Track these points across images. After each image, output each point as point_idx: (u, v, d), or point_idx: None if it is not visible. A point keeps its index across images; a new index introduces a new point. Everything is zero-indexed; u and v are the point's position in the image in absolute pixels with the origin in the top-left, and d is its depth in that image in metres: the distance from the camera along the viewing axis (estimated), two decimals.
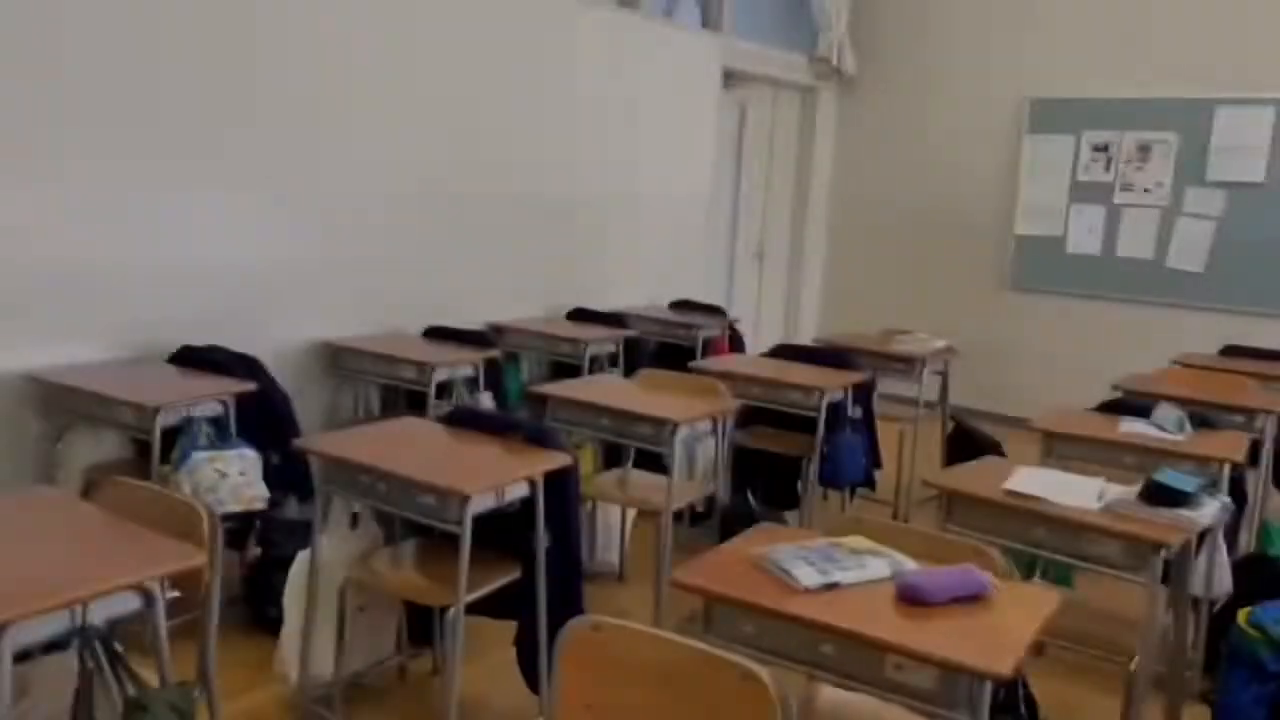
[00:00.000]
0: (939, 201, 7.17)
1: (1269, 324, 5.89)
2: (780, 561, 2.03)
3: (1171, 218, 6.24)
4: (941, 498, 2.75)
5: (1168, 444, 3.32)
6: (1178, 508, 2.50)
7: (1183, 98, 6.15)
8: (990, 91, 6.88)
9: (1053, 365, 6.68)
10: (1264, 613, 2.72)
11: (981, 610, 1.92)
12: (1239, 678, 2.69)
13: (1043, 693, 3.30)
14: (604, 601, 3.87)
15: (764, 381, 4.22)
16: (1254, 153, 5.95)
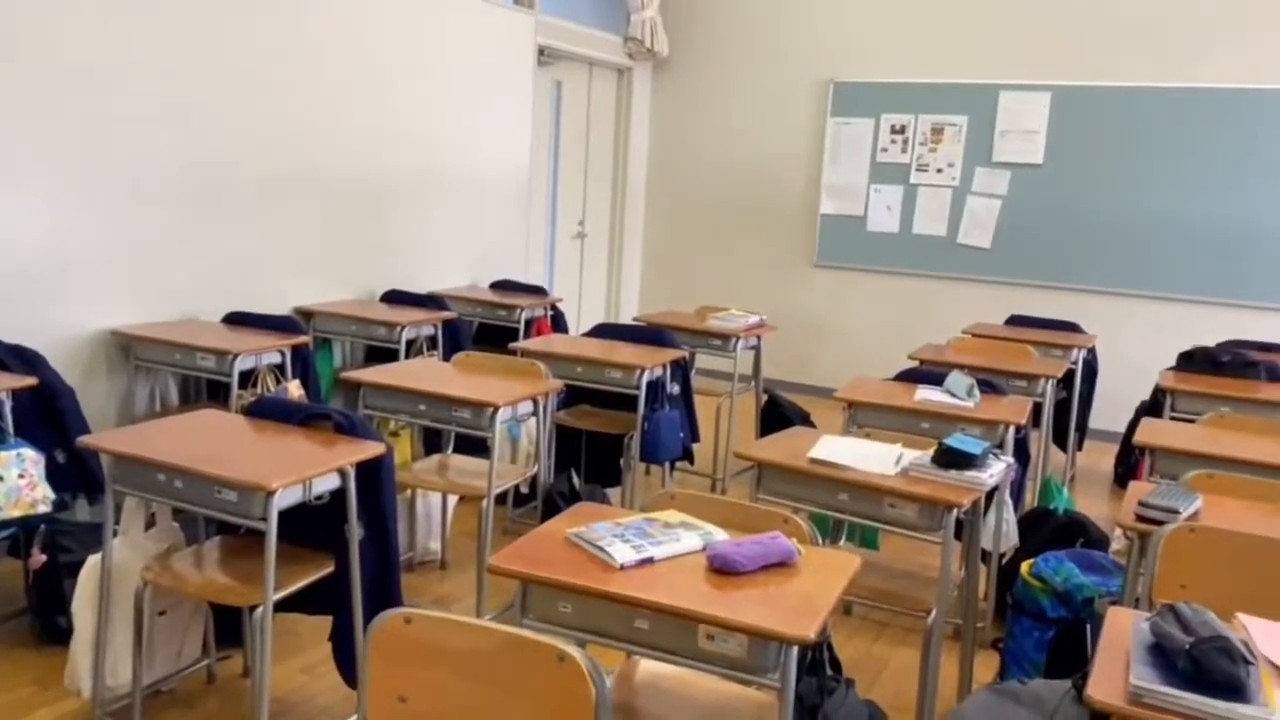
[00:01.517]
0: (750, 181, 7.38)
1: (1049, 295, 6.38)
2: (596, 540, 2.04)
3: (961, 197, 6.65)
4: (753, 468, 2.84)
5: (958, 410, 3.54)
6: (967, 469, 2.67)
7: (970, 83, 6.54)
8: (796, 74, 7.12)
9: (857, 338, 7.02)
10: (1044, 564, 2.95)
11: (788, 576, 2.00)
12: (1023, 625, 2.92)
13: (852, 649, 3.49)
14: (426, 590, 3.81)
15: (585, 361, 4.24)
16: (1033, 135, 6.40)
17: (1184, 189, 6.06)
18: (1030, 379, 4.42)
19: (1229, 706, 1.51)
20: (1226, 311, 5.94)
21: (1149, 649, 1.68)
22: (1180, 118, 6.03)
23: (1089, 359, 5.37)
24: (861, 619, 3.71)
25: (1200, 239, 6.05)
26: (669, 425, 4.25)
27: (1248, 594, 2.18)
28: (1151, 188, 6.14)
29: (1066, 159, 6.33)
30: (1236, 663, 1.55)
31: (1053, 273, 6.44)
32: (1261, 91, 5.81)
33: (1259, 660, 1.63)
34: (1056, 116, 6.33)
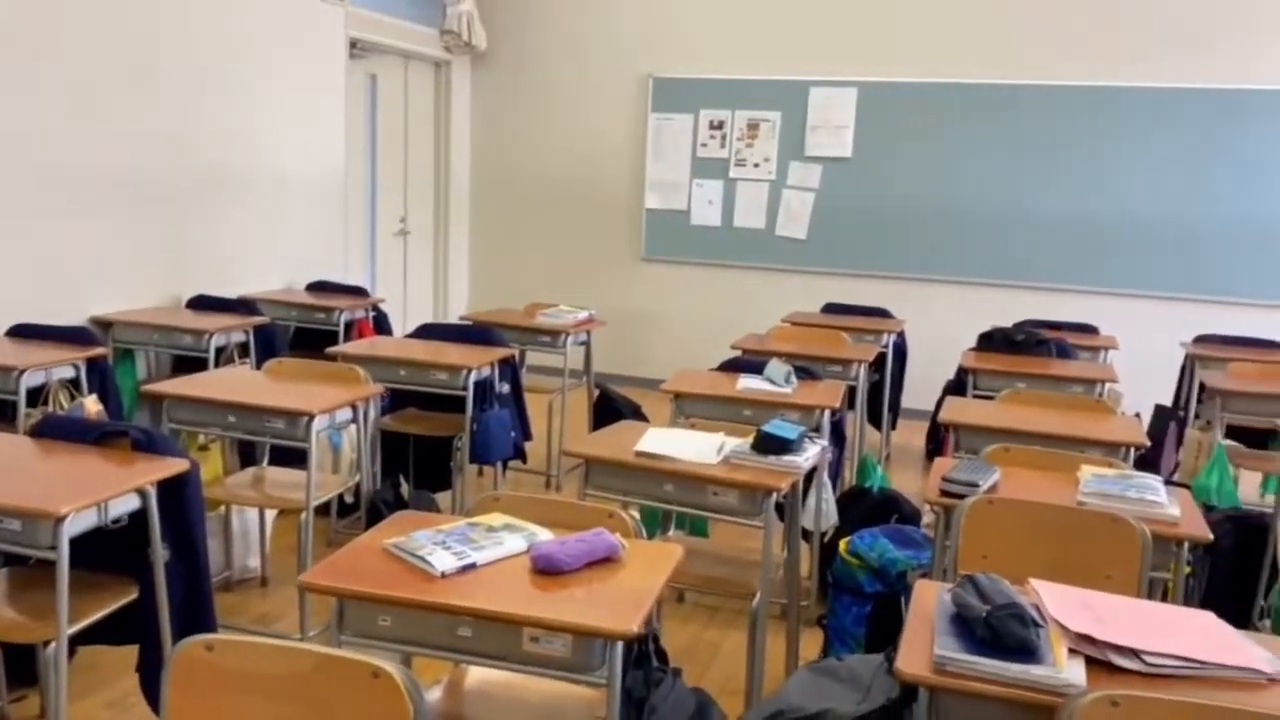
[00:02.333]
0: (575, 176, 7.38)
1: (862, 283, 6.66)
2: (415, 549, 1.99)
3: (778, 190, 6.86)
4: (583, 464, 2.84)
5: (778, 396, 3.65)
6: (784, 454, 2.75)
7: (783, 79, 6.75)
8: (616, 69, 7.17)
9: (686, 329, 7.15)
10: (859, 541, 3.08)
11: (613, 572, 2.00)
12: (843, 601, 3.04)
13: (686, 636, 3.55)
14: (245, 610, 3.63)
15: (409, 363, 4.13)
16: (842, 130, 6.67)
17: (982, 180, 6.45)
18: (844, 364, 4.61)
19: (1022, 668, 1.61)
20: (1022, 294, 6.36)
21: (951, 619, 1.77)
22: (978, 111, 6.41)
23: (898, 342, 5.64)
24: (694, 606, 3.77)
25: (997, 227, 6.45)
26: (499, 425, 4.20)
27: (1040, 559, 2.33)
28: (952, 179, 6.50)
29: (873, 152, 6.63)
30: (1028, 627, 1.65)
31: (864, 262, 6.73)
32: (1058, 87, 6.24)
33: (1048, 623, 1.74)
34: (863, 112, 6.61)
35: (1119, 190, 6.22)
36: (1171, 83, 6.04)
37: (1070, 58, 6.21)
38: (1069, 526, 2.39)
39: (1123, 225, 6.23)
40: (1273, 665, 1.67)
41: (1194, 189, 6.09)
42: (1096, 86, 6.16)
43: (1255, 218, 6.00)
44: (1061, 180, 6.31)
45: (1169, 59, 6.05)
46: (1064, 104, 6.24)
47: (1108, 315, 5.92)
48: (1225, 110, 5.98)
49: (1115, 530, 2.33)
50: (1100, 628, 1.72)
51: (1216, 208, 6.06)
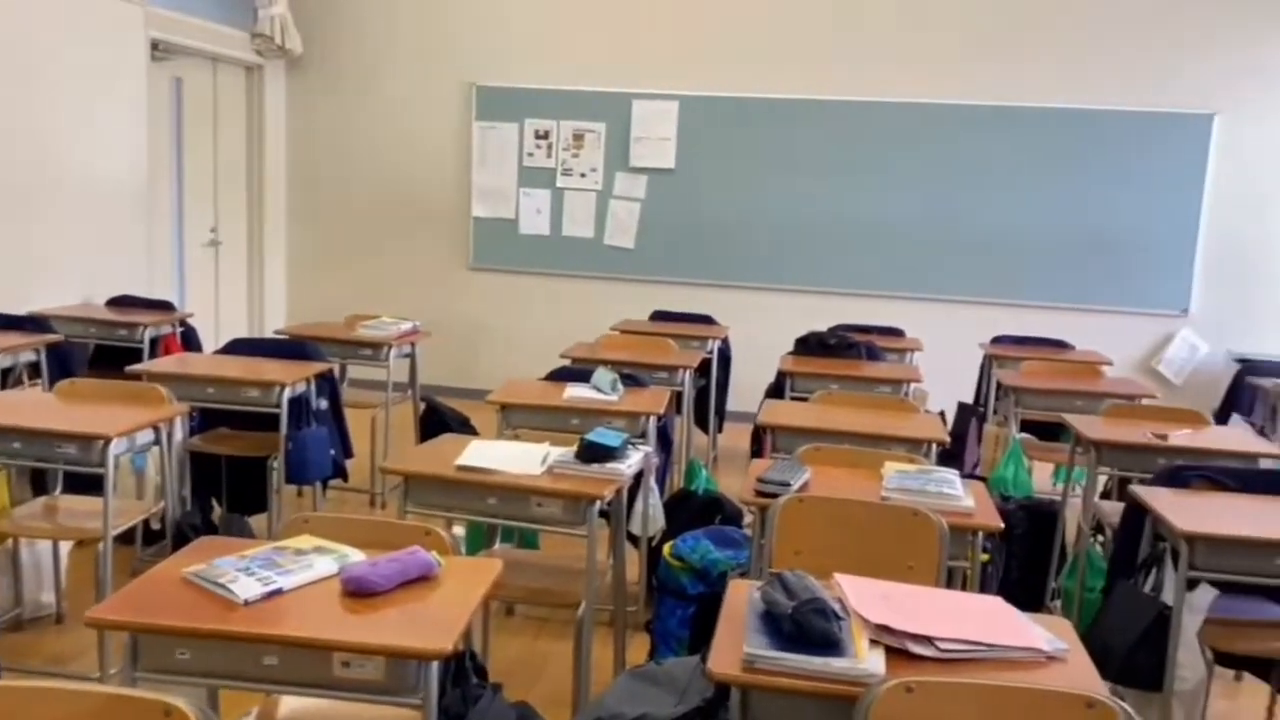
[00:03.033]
0: (399, 185, 7.23)
1: (687, 290, 6.80)
2: (216, 577, 1.90)
3: (605, 200, 6.93)
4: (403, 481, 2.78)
5: (604, 404, 3.68)
6: (607, 462, 2.78)
7: (607, 91, 6.82)
8: (438, 77, 7.07)
9: (516, 339, 7.11)
10: (682, 543, 3.14)
11: (429, 590, 1.96)
12: (668, 604, 3.08)
13: (516, 648, 3.52)
14: (38, 649, 3.38)
15: (218, 381, 3.94)
16: (665, 142, 6.80)
17: (798, 191, 6.70)
18: (671, 370, 4.69)
19: (824, 661, 1.67)
20: (836, 299, 6.64)
21: (761, 617, 1.82)
22: (792, 125, 6.65)
23: (723, 348, 5.78)
24: (524, 618, 3.75)
25: (813, 236, 6.72)
26: (317, 443, 4.05)
27: (849, 554, 2.44)
28: (771, 190, 6.73)
29: (695, 164, 6.79)
30: (830, 621, 1.72)
31: (690, 270, 6.88)
32: (864, 102, 6.54)
33: (850, 615, 1.82)
34: (684, 124, 6.76)
35: (924, 200, 6.58)
36: (971, 99, 6.44)
37: (880, 73, 6.54)
38: (873, 521, 2.51)
39: (927, 233, 6.60)
40: (1052, 644, 1.80)
41: (992, 199, 6.51)
42: (901, 102, 6.51)
43: (1045, 226, 6.47)
44: (871, 191, 6.63)
45: (975, 75, 6.45)
46: (871, 118, 6.56)
47: (914, 319, 6.25)
48: (1018, 124, 6.43)
49: (916, 523, 2.46)
50: (898, 617, 1.81)
51: (1011, 217, 6.50)
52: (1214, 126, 6.24)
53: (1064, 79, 6.37)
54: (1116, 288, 6.47)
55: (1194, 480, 3.02)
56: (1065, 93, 6.36)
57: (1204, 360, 6.42)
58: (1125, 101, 6.31)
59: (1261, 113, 6.22)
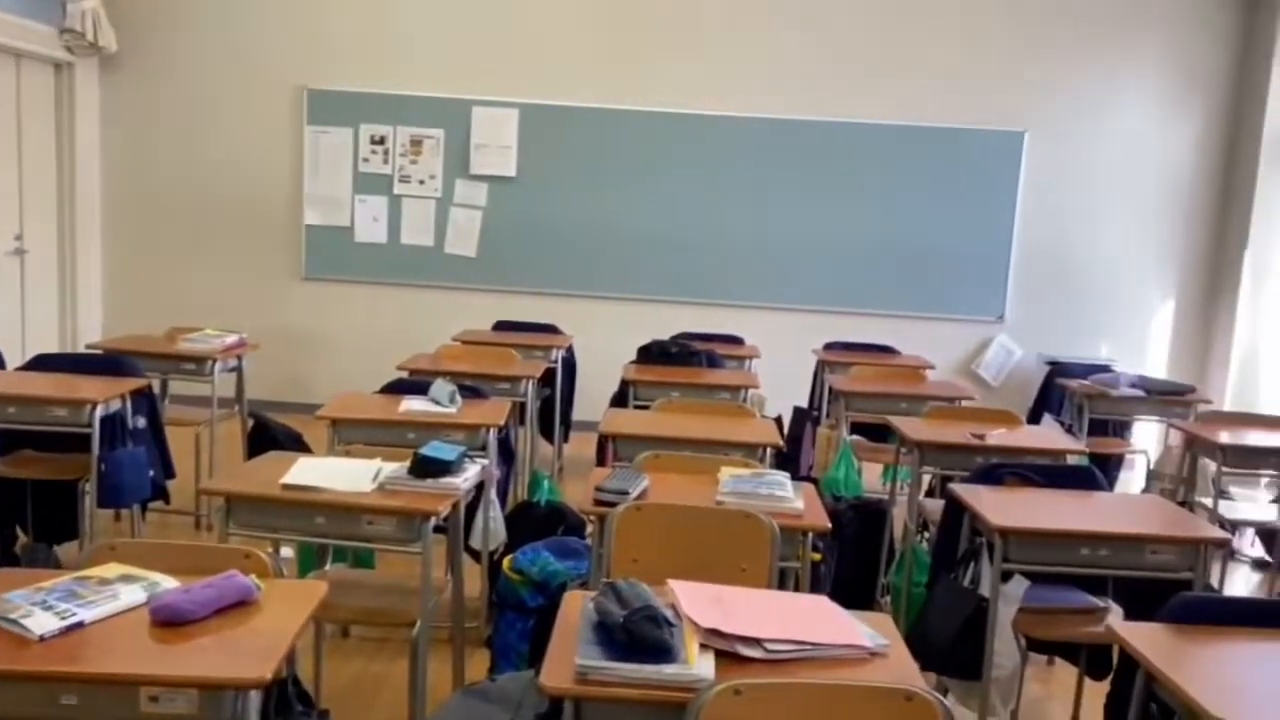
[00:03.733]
0: (225, 191, 6.91)
1: (532, 300, 6.75)
2: (7, 612, 1.75)
3: (445, 208, 6.81)
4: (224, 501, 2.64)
5: (442, 417, 3.60)
6: (442, 476, 2.71)
7: (445, 97, 6.72)
8: (267, 79, 6.80)
9: (352, 351, 6.89)
10: (522, 556, 3.10)
11: (248, 616, 1.87)
12: (508, 618, 3.04)
13: (349, 673, 3.40)
14: None
15: (18, 399, 3.65)
16: (506, 150, 6.74)
17: (639, 201, 6.77)
18: (513, 380, 4.64)
19: (656, 668, 1.68)
20: (679, 308, 6.74)
21: (594, 627, 1.81)
22: (632, 136, 6.72)
23: (568, 357, 5.78)
24: (360, 640, 3.63)
25: (655, 246, 6.80)
26: (133, 464, 3.81)
27: (685, 559, 2.46)
28: (612, 200, 6.77)
29: (537, 172, 6.76)
30: (662, 627, 1.73)
31: (534, 279, 6.84)
32: (702, 116, 6.67)
33: (682, 620, 1.83)
34: (525, 132, 6.72)
35: (762, 211, 6.76)
36: (805, 114, 6.66)
37: (717, 86, 6.68)
38: (709, 526, 2.55)
39: (764, 244, 6.78)
40: (874, 640, 1.86)
41: (824, 211, 6.75)
42: (739, 116, 6.67)
43: (874, 237, 6.75)
44: (711, 202, 6.76)
45: (810, 91, 6.67)
46: (711, 130, 6.70)
47: (753, 326, 6.40)
48: (849, 138, 6.68)
49: (748, 526, 2.50)
50: (729, 621, 1.83)
51: (843, 228, 6.75)
52: (1024, 143, 6.66)
53: (892, 97, 6.67)
54: (939, 296, 6.82)
55: (1007, 477, 3.20)
56: (892, 109, 6.66)
57: (1018, 363, 6.83)
58: (946, 119, 6.66)
59: (1065, 132, 6.68)
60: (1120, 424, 5.62)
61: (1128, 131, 6.70)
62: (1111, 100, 6.69)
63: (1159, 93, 6.68)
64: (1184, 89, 6.67)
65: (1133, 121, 6.70)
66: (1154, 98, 6.69)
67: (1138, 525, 2.81)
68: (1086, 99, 6.68)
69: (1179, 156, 6.74)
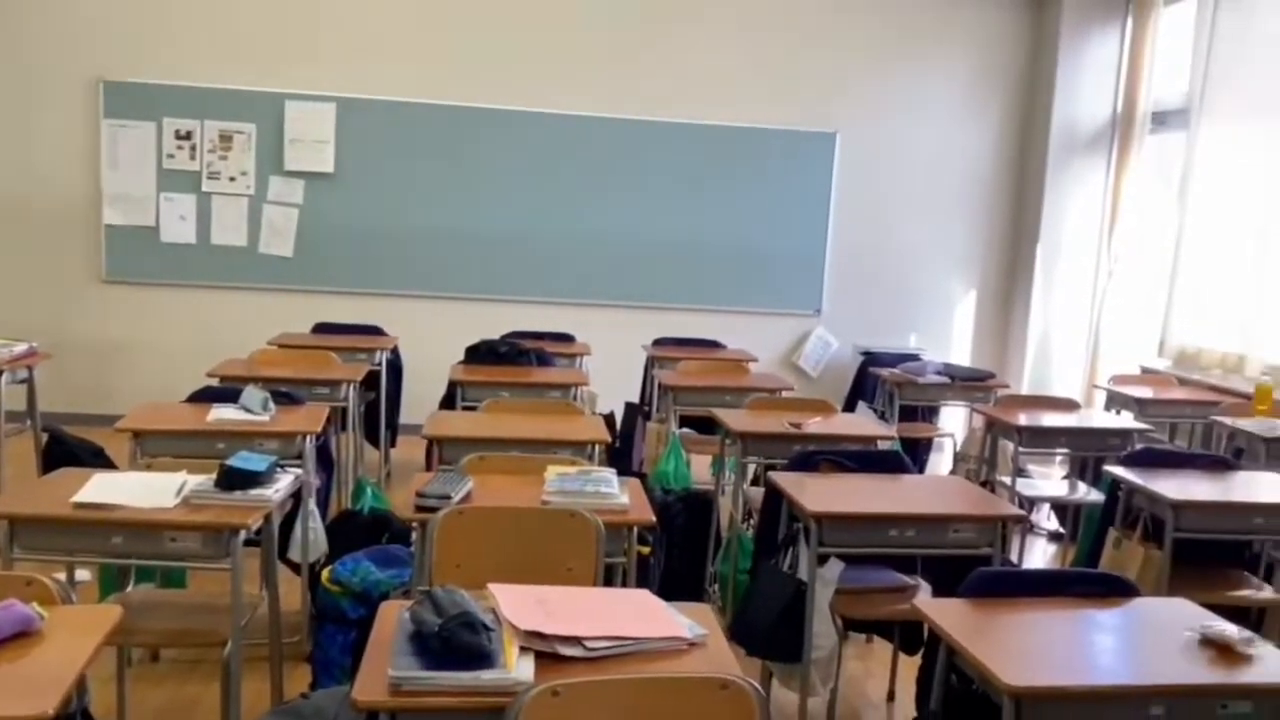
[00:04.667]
0: (10, 189, 6.38)
1: (354, 300, 6.53)
2: None
3: (259, 206, 6.52)
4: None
5: (254, 425, 3.44)
6: (251, 488, 2.59)
7: (256, 90, 6.42)
8: (58, 69, 6.32)
9: (159, 358, 6.48)
10: (341, 567, 3.00)
11: (29, 647, 1.73)
12: (328, 631, 2.94)
13: (159, 698, 3.21)
14: None
15: None
16: (323, 145, 6.51)
17: (466, 198, 6.66)
18: (333, 384, 4.49)
19: (474, 675, 1.65)
20: (509, 307, 6.67)
21: (410, 637, 1.77)
22: (456, 132, 6.61)
23: (393, 359, 5.63)
24: (171, 663, 3.42)
25: (484, 243, 6.71)
26: None
27: (511, 562, 2.43)
28: (438, 197, 6.64)
29: (357, 169, 6.56)
30: (479, 633, 1.70)
31: (356, 279, 6.63)
32: (527, 113, 6.62)
33: (502, 625, 1.81)
34: (343, 127, 6.51)
35: (591, 209, 6.79)
36: (630, 114, 6.72)
37: (543, 84, 6.65)
38: (534, 526, 2.53)
39: (594, 241, 6.81)
40: (693, 631, 1.89)
41: (653, 209, 6.83)
42: (565, 114, 6.66)
43: (700, 235, 6.89)
44: (541, 199, 6.74)
45: (636, 89, 6.72)
46: (535, 127, 6.66)
47: (585, 324, 6.40)
48: (675, 138, 6.79)
49: (573, 524, 2.50)
50: (550, 622, 1.82)
51: (670, 226, 6.85)
52: (836, 144, 6.94)
53: (712, 98, 6.81)
54: (762, 291, 7.02)
55: (822, 464, 3.32)
56: (714, 110, 6.81)
57: (836, 354, 7.12)
58: (765, 120, 6.86)
59: (873, 133, 7.00)
60: (928, 409, 5.95)
61: (932, 133, 7.09)
62: (916, 103, 7.05)
63: (960, 96, 7.09)
64: (981, 93, 7.11)
65: (936, 124, 7.09)
66: (955, 101, 7.09)
67: (941, 506, 2.97)
68: (893, 102, 7.03)
69: (978, 156, 7.17)
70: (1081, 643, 2.08)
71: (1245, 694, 1.92)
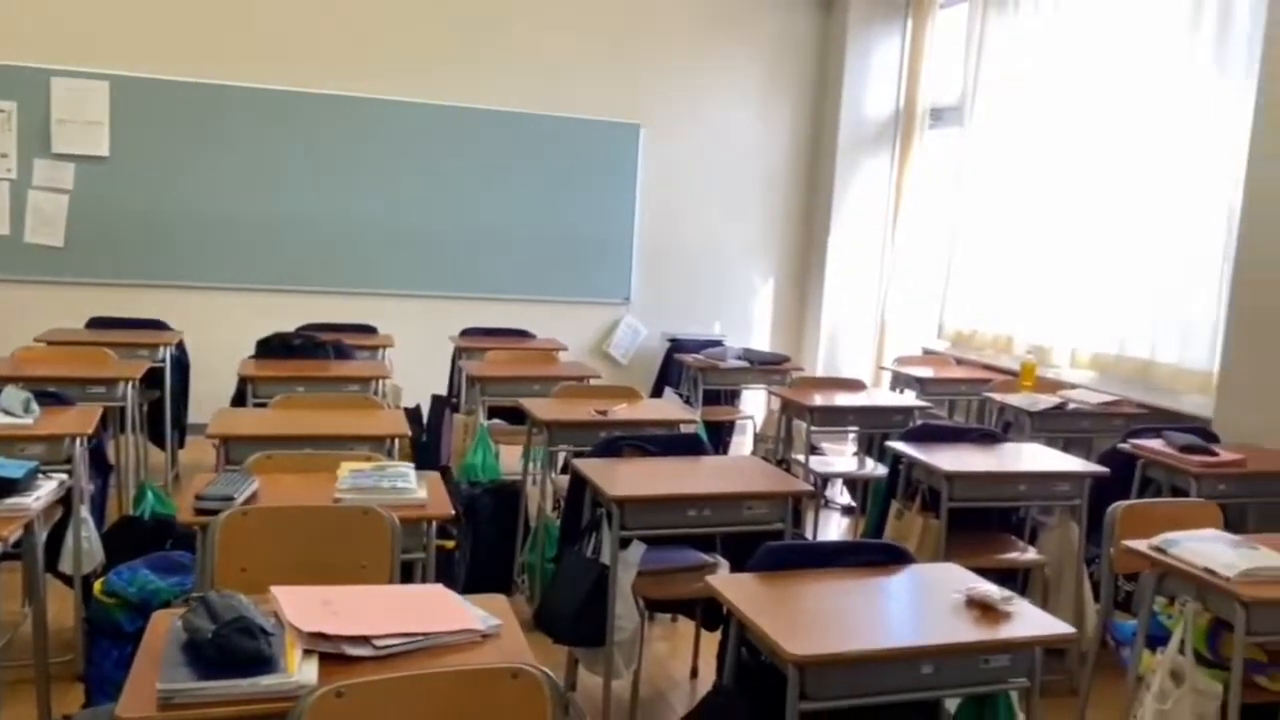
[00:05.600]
0: None
1: (134, 293, 6.12)
2: None
3: (23, 191, 5.98)
4: None
5: (15, 429, 3.16)
6: (8, 497, 2.38)
7: (17, 64, 5.89)
8: None
9: None
10: (117, 577, 2.81)
11: None
12: (102, 647, 2.74)
13: None
14: None
15: None
16: (96, 127, 6.04)
17: (258, 184, 6.34)
18: (109, 383, 4.18)
19: (251, 681, 1.58)
20: (303, 298, 6.40)
21: (183, 647, 1.67)
22: (248, 115, 6.27)
23: (179, 355, 5.31)
24: None
25: (277, 232, 6.41)
26: None
27: (301, 563, 2.34)
28: (228, 183, 6.29)
29: (137, 153, 6.12)
30: (257, 638, 1.63)
31: (136, 270, 6.20)
32: (328, 96, 6.36)
33: (284, 628, 1.74)
34: (119, 108, 6.06)
35: (396, 197, 6.60)
36: (437, 99, 6.58)
37: (347, 67, 6.41)
38: (326, 525, 2.44)
39: (398, 230, 6.63)
40: (486, 623, 1.88)
41: (461, 197, 6.72)
42: (369, 98, 6.45)
43: (510, 224, 6.83)
44: (341, 186, 6.50)
45: (441, 76, 6.57)
46: (337, 112, 6.42)
47: (389, 315, 6.24)
48: (484, 126, 6.69)
49: (366, 522, 2.43)
50: (335, 622, 1.76)
51: (479, 214, 6.76)
52: (640, 136, 7.03)
53: (520, 86, 6.76)
54: (572, 280, 7.05)
55: (625, 449, 3.37)
56: (522, 98, 6.76)
57: (645, 342, 7.23)
58: (573, 109, 6.87)
59: (676, 126, 7.14)
60: (731, 393, 6.15)
61: (730, 128, 7.30)
62: (715, 99, 7.24)
63: (756, 94, 7.33)
64: (776, 90, 7.38)
65: (734, 119, 7.30)
66: (752, 98, 7.33)
67: (735, 485, 3.07)
68: (694, 97, 7.19)
69: (774, 151, 7.44)
70: (860, 610, 2.19)
71: (1004, 648, 2.08)
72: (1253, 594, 2.37)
